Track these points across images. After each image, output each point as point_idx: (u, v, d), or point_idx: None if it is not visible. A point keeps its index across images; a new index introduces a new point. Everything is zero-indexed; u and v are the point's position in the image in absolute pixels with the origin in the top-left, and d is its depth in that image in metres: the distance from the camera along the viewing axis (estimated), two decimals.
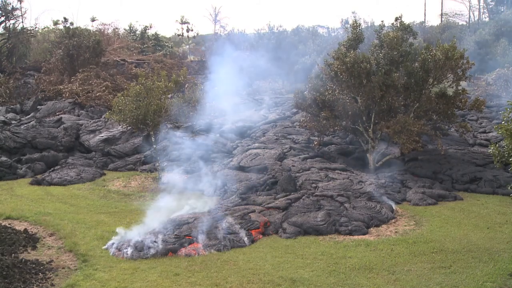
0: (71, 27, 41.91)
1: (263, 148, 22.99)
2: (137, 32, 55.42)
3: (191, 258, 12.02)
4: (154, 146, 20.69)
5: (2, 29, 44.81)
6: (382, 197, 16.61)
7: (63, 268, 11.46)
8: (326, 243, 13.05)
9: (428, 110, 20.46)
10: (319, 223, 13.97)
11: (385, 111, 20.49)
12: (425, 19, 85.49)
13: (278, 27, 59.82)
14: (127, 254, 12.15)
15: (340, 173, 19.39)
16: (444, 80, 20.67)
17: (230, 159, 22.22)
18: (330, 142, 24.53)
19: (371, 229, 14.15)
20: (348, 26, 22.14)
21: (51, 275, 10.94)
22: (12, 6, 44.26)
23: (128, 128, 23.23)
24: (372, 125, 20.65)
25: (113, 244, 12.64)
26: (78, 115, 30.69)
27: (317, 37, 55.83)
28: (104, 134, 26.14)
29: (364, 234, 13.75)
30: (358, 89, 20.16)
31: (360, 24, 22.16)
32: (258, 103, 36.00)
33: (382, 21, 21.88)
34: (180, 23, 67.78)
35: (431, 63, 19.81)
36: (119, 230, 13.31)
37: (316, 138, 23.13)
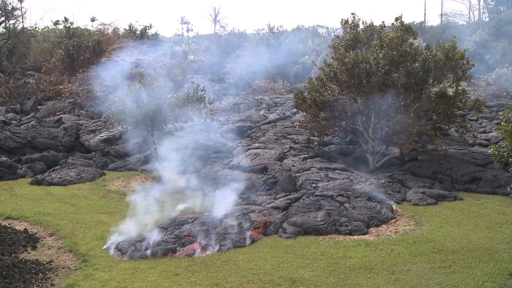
0: (71, 27, 41.94)
1: (263, 148, 22.99)
2: (137, 32, 55.40)
3: (191, 258, 12.02)
4: (154, 146, 20.68)
5: (2, 29, 44.86)
6: (382, 197, 16.62)
7: (63, 268, 11.46)
8: (326, 243, 13.04)
9: (428, 110, 20.46)
10: (319, 223, 13.97)
11: (385, 111, 20.50)
12: (425, 19, 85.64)
13: (278, 27, 59.92)
14: (127, 254, 12.15)
15: (340, 173, 19.39)
16: (444, 80, 20.70)
17: (230, 159, 22.22)
18: (330, 142, 24.53)
19: (371, 229, 14.15)
20: (346, 26, 22.05)
21: (51, 275, 10.95)
22: (12, 6, 44.36)
23: (128, 128, 23.21)
24: (372, 125, 20.66)
25: (113, 244, 12.64)
26: (78, 115, 30.68)
27: (317, 37, 55.89)
28: (104, 134, 26.11)
29: (364, 234, 13.75)
30: (357, 89, 20.17)
31: (358, 24, 22.14)
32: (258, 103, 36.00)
33: (382, 22, 21.90)
34: (180, 23, 67.87)
35: (432, 63, 19.84)
36: (119, 230, 13.30)
37: (316, 138, 23.13)
